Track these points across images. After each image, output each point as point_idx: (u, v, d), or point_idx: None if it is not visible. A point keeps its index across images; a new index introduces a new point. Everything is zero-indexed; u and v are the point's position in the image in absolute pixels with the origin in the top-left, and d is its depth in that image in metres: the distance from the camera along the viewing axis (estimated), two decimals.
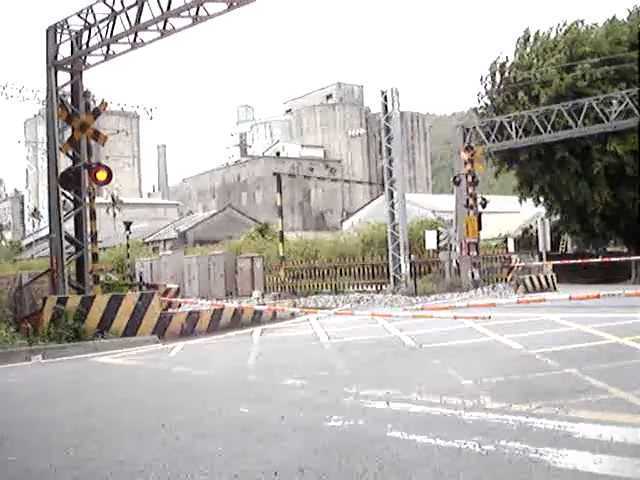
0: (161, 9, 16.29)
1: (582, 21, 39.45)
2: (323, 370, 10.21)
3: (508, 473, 5.05)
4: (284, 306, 19.81)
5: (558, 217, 41.58)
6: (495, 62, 39.79)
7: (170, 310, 18.65)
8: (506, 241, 34.12)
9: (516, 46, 40.09)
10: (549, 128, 29.65)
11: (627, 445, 5.58)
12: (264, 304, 20.45)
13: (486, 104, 40.20)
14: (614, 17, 38.58)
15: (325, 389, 8.65)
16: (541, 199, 41.42)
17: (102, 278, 20.45)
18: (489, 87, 40.03)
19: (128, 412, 8.22)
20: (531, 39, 39.83)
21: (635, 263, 37.25)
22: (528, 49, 39.42)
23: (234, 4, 15.84)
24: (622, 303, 15.89)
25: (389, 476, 5.14)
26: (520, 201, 42.56)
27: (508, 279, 29.21)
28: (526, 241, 40.43)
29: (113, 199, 60.78)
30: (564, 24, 39.29)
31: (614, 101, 28.35)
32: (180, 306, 21.15)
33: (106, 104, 19.23)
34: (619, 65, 34.60)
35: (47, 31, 18.64)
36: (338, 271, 31.42)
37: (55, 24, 18.52)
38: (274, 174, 37.50)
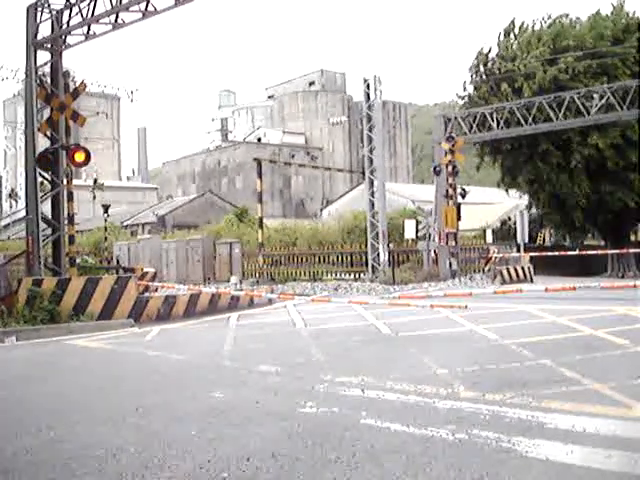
0: None
1: (567, 15, 39.62)
2: (299, 356, 10.21)
3: (480, 462, 5.07)
4: (261, 292, 19.77)
5: (539, 209, 41.89)
6: (480, 52, 39.86)
7: (147, 294, 18.54)
8: (485, 232, 34.29)
9: (500, 38, 40.17)
10: (530, 120, 29.74)
11: (599, 436, 5.62)
12: (242, 290, 20.39)
13: (469, 94, 40.28)
14: (598, 12, 38.74)
15: (300, 375, 8.65)
16: (523, 191, 41.71)
17: (78, 260, 20.29)
18: (474, 77, 40.11)
19: (102, 395, 8.17)
20: (515, 30, 39.92)
21: (611, 256, 37.63)
22: (512, 41, 39.52)
23: None
24: (598, 296, 16.03)
25: (362, 463, 5.14)
26: (507, 191, 42.85)
27: (485, 270, 29.37)
28: (504, 232, 40.69)
29: (95, 181, 60.28)
30: (549, 17, 39.43)
31: (595, 95, 28.46)
32: (157, 290, 21.04)
33: (85, 85, 19.02)
34: (601, 59, 34.78)
35: (27, 9, 18.39)
36: (317, 258, 31.43)
37: (36, 2, 18.26)
38: (255, 160, 37.28)
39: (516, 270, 27.62)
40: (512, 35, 39.91)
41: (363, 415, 6.49)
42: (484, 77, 39.36)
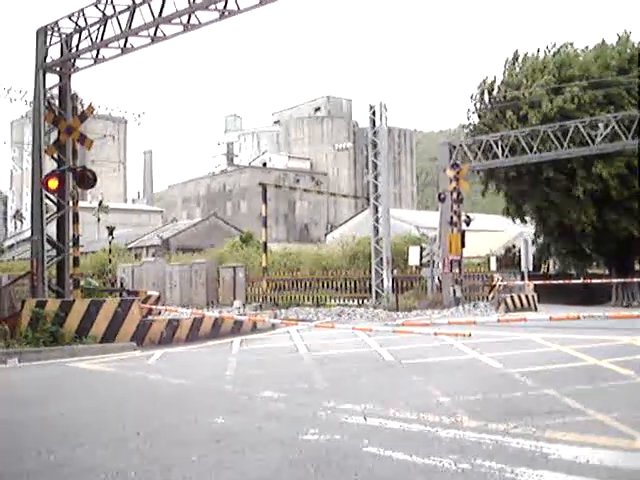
0: (153, 15, 16.27)
1: (571, 44, 39.89)
2: (301, 383, 10.17)
3: None
4: (264, 317, 19.72)
5: (545, 237, 41.93)
6: (484, 81, 40.09)
7: (150, 317, 18.51)
8: (489, 259, 34.25)
9: (505, 66, 40.44)
10: (535, 149, 29.81)
11: (602, 467, 5.58)
12: (245, 314, 20.36)
13: (474, 122, 40.48)
14: (603, 41, 39.01)
15: (303, 402, 8.61)
16: (529, 219, 41.78)
17: (82, 283, 20.29)
18: (478, 105, 40.31)
19: (103, 419, 8.13)
20: (520, 59, 40.19)
21: (616, 285, 37.53)
22: (517, 69, 39.77)
23: (226, 14, 15.83)
24: (602, 325, 15.95)
25: None
26: (513, 220, 42.87)
27: (489, 297, 29.28)
28: (508, 260, 40.63)
29: (100, 204, 60.45)
30: (553, 45, 39.70)
31: (600, 124, 28.55)
32: (160, 314, 21.01)
33: (93, 108, 19.17)
34: (607, 89, 34.95)
35: (37, 33, 18.56)
36: (320, 284, 31.36)
37: (46, 26, 18.45)
38: (260, 184, 37.34)
39: (520, 298, 27.52)
40: (517, 63, 40.17)
41: (365, 443, 6.45)
42: (489, 105, 39.55)
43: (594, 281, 35.58)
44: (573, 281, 35.66)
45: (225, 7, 15.62)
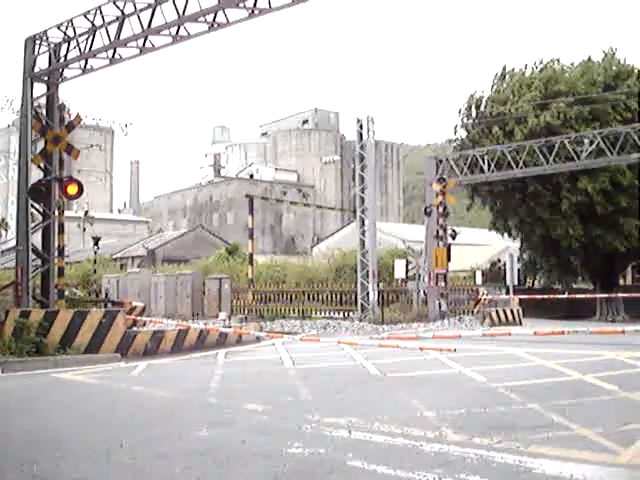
0: (142, 26, 16.28)
1: (558, 60, 40.20)
2: (286, 396, 10.15)
3: None
4: (250, 329, 19.67)
5: (531, 252, 42.13)
6: (472, 96, 40.33)
7: (135, 328, 18.44)
8: (474, 273, 34.34)
9: (493, 81, 40.70)
10: (521, 164, 29.96)
11: None
12: (230, 326, 20.31)
13: (461, 137, 40.70)
14: (589, 58, 39.35)
15: (287, 415, 8.60)
16: (515, 233, 41.98)
17: (67, 293, 20.19)
18: (465, 120, 40.53)
19: (86, 430, 8.09)
20: (507, 75, 40.47)
21: (600, 300, 37.70)
22: (504, 85, 40.01)
23: (214, 26, 15.87)
24: (586, 340, 16.03)
25: None
26: (502, 234, 43.05)
27: (475, 311, 29.33)
28: (494, 274, 40.75)
29: (86, 213, 60.23)
30: (540, 62, 40.00)
31: (586, 140, 28.74)
32: (145, 325, 20.93)
33: (81, 119, 19.11)
34: (593, 105, 35.21)
35: (26, 42, 18.54)
36: (306, 296, 31.29)
37: (34, 35, 18.44)
38: (246, 196, 37.32)
39: (505, 312, 27.60)
40: (505, 79, 40.44)
41: (350, 457, 6.44)
42: (476, 120, 39.77)
43: (578, 296, 35.72)
44: (558, 296, 35.80)
45: (214, 19, 15.67)
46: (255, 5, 15.13)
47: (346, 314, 29.38)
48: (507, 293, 30.22)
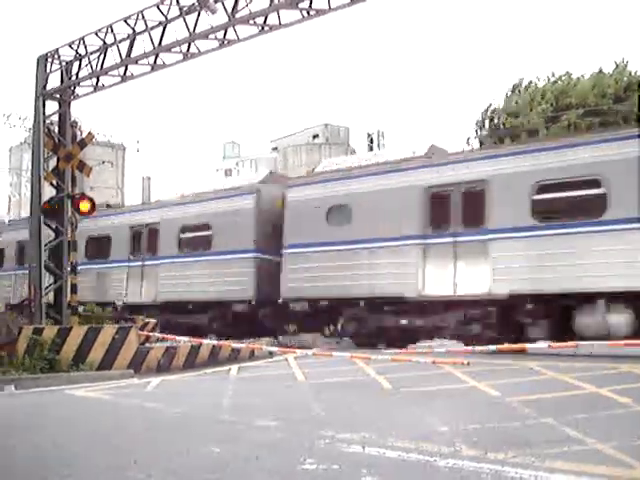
0: (152, 44, 16.44)
1: (570, 74, 40.31)
2: (299, 411, 10.12)
3: None
4: (262, 344, 19.64)
5: None
6: (487, 108, 40.56)
7: (147, 344, 18.45)
8: None
9: (506, 94, 40.92)
10: None
11: None
12: (242, 342, 20.29)
13: (474, 149, 40.84)
14: (600, 70, 39.38)
15: (300, 431, 8.56)
16: None
17: (80, 309, 20.27)
18: (479, 132, 40.75)
19: (98, 447, 8.08)
20: (520, 88, 40.67)
21: None
22: (517, 97, 40.15)
23: (225, 43, 15.98)
24: (601, 352, 15.92)
25: None
26: None
27: None
28: None
29: None
30: (552, 75, 40.15)
31: None
32: (158, 340, 20.93)
33: (93, 136, 19.31)
34: (603, 117, 35.18)
35: (38, 60, 18.73)
36: None
37: (46, 53, 18.62)
38: None
39: None
40: (517, 91, 40.61)
41: (364, 473, 6.41)
42: (489, 132, 39.93)
43: None
44: None
45: (224, 37, 15.79)
46: (265, 22, 15.24)
47: None
48: None
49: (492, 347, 14.68)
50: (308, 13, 14.88)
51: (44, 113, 18.63)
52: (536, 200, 17.27)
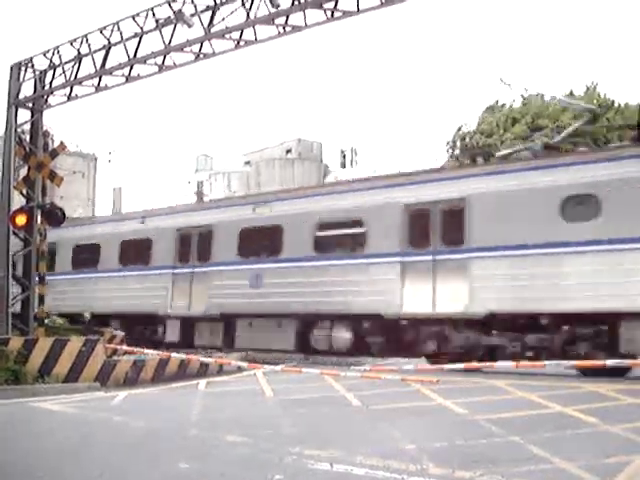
0: (128, 55, 16.41)
1: (542, 95, 41.01)
2: (267, 427, 10.08)
3: None
4: (231, 359, 19.54)
5: None
6: (460, 128, 41.11)
7: (115, 357, 18.28)
8: None
9: (481, 115, 41.55)
10: None
11: None
12: (211, 356, 20.17)
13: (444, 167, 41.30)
14: (571, 92, 40.10)
15: (268, 447, 8.53)
16: None
17: (47, 321, 20.03)
18: (451, 152, 41.27)
19: (64, 461, 7.99)
20: (494, 109, 41.32)
21: None
22: (491, 118, 40.76)
23: (201, 56, 16.01)
24: (567, 372, 16.07)
25: None
26: None
27: None
28: None
29: None
30: (527, 97, 40.83)
31: None
32: (125, 354, 20.74)
33: (65, 146, 19.18)
34: (575, 138, 35.72)
35: (11, 68, 18.61)
36: None
37: (20, 62, 18.51)
38: None
39: None
40: (492, 112, 41.23)
41: None
42: (460, 152, 40.43)
43: None
44: None
45: (200, 50, 15.82)
46: (241, 37, 15.29)
47: None
48: None
49: (461, 365, 14.77)
50: (284, 29, 14.97)
51: (16, 122, 18.47)
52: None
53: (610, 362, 13.49)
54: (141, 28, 16.21)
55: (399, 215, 18.92)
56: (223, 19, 15.08)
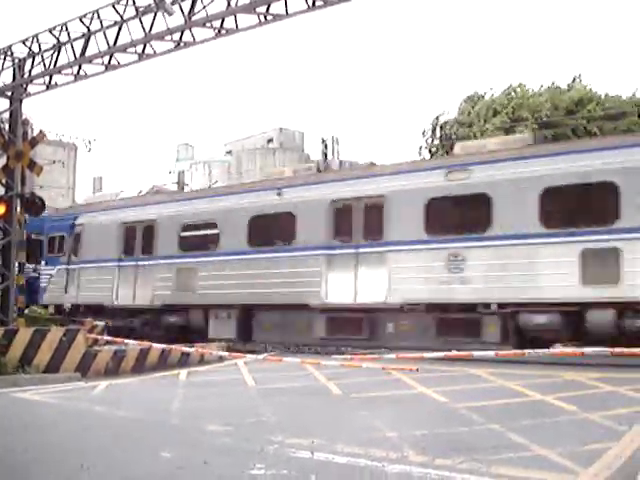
0: (107, 43, 16.28)
1: (524, 85, 41.06)
2: (249, 416, 10.10)
3: None
4: (212, 349, 19.53)
5: None
6: (437, 118, 41.02)
7: (96, 347, 18.20)
8: None
9: (460, 104, 41.45)
10: None
11: None
12: (192, 346, 20.13)
13: (425, 158, 41.30)
14: (553, 83, 40.28)
15: (250, 436, 8.55)
16: None
17: (27, 311, 19.93)
18: (430, 141, 41.19)
19: (46, 452, 7.96)
20: (474, 99, 41.26)
21: None
22: (471, 108, 40.72)
23: (181, 45, 15.92)
24: (548, 360, 16.19)
25: None
26: None
27: None
28: None
29: None
30: (509, 87, 40.84)
31: None
32: (106, 344, 20.66)
33: (44, 135, 19.04)
34: (555, 129, 35.92)
35: None
36: None
37: None
38: None
39: None
40: (471, 102, 41.18)
41: (312, 478, 6.44)
42: (440, 141, 40.43)
43: None
44: None
45: (180, 38, 15.73)
46: (222, 25, 15.22)
47: None
48: None
49: (441, 353, 14.86)
50: (265, 18, 14.91)
51: None
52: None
53: (589, 350, 13.56)
54: (121, 16, 16.07)
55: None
56: (204, 7, 14.98)
